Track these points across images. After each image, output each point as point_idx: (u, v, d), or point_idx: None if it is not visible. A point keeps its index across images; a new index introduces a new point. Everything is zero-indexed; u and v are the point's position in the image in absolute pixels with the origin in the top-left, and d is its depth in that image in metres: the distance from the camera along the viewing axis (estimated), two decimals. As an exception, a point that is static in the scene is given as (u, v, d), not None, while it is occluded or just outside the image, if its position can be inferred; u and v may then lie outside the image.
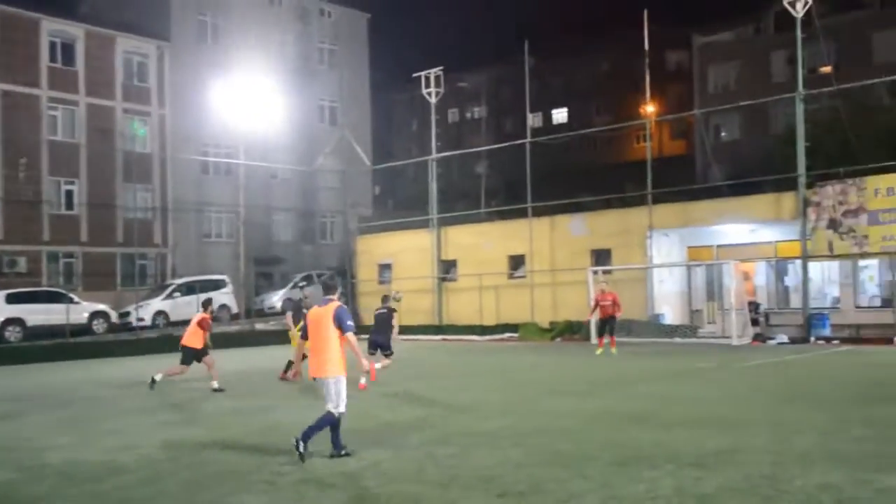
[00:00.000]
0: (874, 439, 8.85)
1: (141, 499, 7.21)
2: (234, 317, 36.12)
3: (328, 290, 9.12)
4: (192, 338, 16.21)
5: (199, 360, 16.08)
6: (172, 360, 16.79)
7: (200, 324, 16.31)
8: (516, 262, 34.32)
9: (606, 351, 22.21)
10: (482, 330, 33.19)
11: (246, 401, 14.16)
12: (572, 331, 30.49)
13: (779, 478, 7.16)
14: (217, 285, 35.80)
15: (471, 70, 67.68)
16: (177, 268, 40.08)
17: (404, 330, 35.27)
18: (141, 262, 39.96)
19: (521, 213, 34.11)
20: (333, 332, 8.64)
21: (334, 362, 8.63)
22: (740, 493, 6.70)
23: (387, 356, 16.97)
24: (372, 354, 16.34)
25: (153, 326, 31.93)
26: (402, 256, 37.89)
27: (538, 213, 33.64)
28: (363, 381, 14.09)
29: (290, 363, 16.81)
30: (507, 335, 32.19)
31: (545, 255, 32.94)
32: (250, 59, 41.72)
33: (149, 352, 26.46)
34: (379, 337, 17.01)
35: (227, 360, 24.96)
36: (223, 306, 35.70)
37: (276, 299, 38.87)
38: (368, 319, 38.34)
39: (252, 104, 36.90)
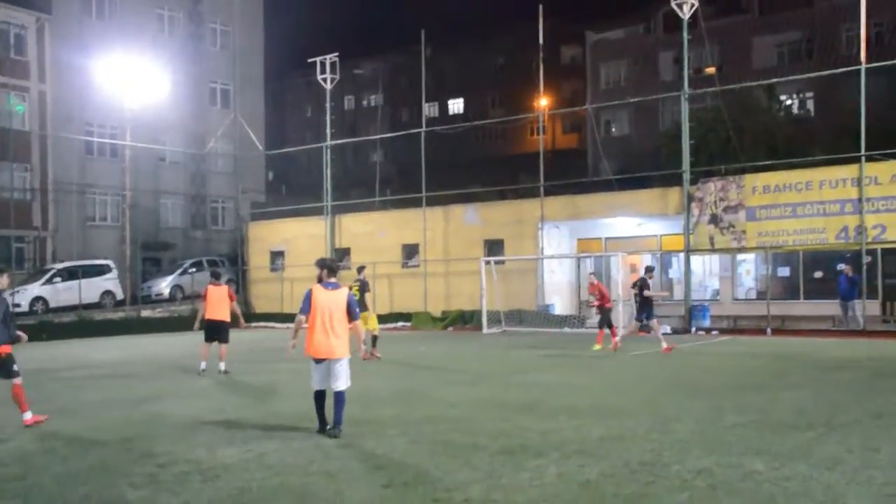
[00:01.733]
0: (745, 425, 9.26)
1: (13, 494, 6.89)
2: (120, 303, 34.95)
3: (331, 272, 9.37)
4: (222, 311, 16.11)
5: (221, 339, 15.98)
6: (48, 348, 16.12)
7: (231, 296, 16.26)
8: (410, 251, 34.40)
9: (607, 342, 20.12)
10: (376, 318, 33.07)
11: (127, 391, 13.71)
12: (464, 320, 30.82)
13: (657, 464, 7.41)
14: (101, 270, 34.58)
15: (368, 57, 67.32)
16: (57, 252, 38.42)
17: (294, 318, 35.05)
18: (18, 245, 38.08)
19: (416, 203, 34.19)
20: (345, 316, 9.15)
21: (347, 344, 9.16)
22: (621, 478, 6.90)
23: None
24: None
25: (31, 313, 30.57)
26: (295, 244, 37.42)
27: (432, 202, 33.78)
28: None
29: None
30: (399, 324, 32.24)
31: (438, 244, 33.13)
32: (138, 37, 40.29)
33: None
34: None
35: (111, 348, 24.20)
36: (107, 292, 34.51)
37: (164, 286, 37.81)
38: (260, 307, 38.01)
39: (140, 83, 35.65)
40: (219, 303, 16.25)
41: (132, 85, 35.40)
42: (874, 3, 27.33)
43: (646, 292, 19.33)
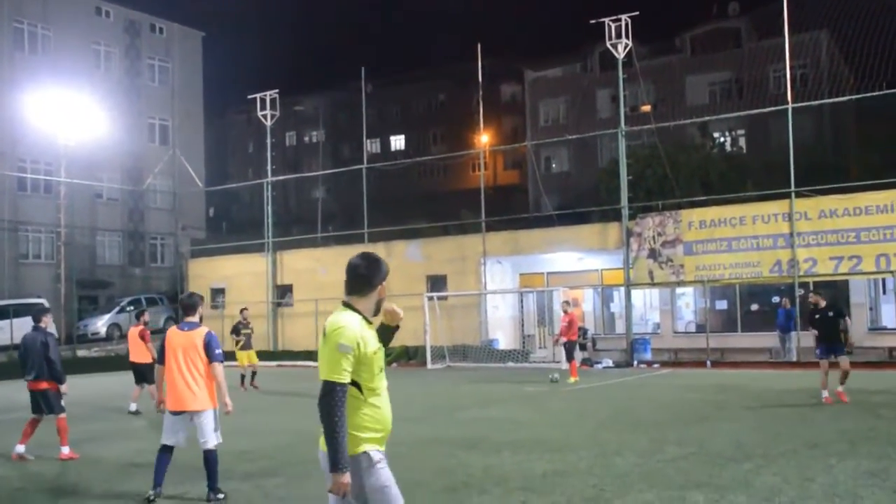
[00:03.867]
0: (686, 458, 9.37)
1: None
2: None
3: (188, 310, 8.21)
4: (139, 353, 15.59)
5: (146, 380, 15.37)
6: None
7: (142, 336, 15.62)
8: (353, 287, 34.17)
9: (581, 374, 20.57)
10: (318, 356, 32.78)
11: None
12: (408, 356, 30.67)
13: (599, 499, 7.44)
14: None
15: (309, 94, 67.34)
16: (-12, 291, 37.34)
17: (236, 356, 34.53)
18: (-54, 284, 36.98)
19: (358, 239, 34.09)
20: (205, 360, 7.92)
21: (208, 392, 7.98)
22: (564, 514, 6.91)
23: None
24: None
25: (-42, 354, 29.54)
26: (236, 281, 36.94)
27: (375, 238, 33.72)
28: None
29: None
30: (342, 361, 31.89)
31: (382, 280, 32.98)
32: (73, 72, 39.72)
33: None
34: None
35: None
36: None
37: (100, 324, 36.95)
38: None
39: (75, 119, 35.05)
40: (132, 344, 16.12)
41: (67, 120, 34.78)
42: (798, 46, 28.39)
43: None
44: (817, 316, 15.01)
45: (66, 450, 10.63)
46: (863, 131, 39.02)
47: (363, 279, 4.20)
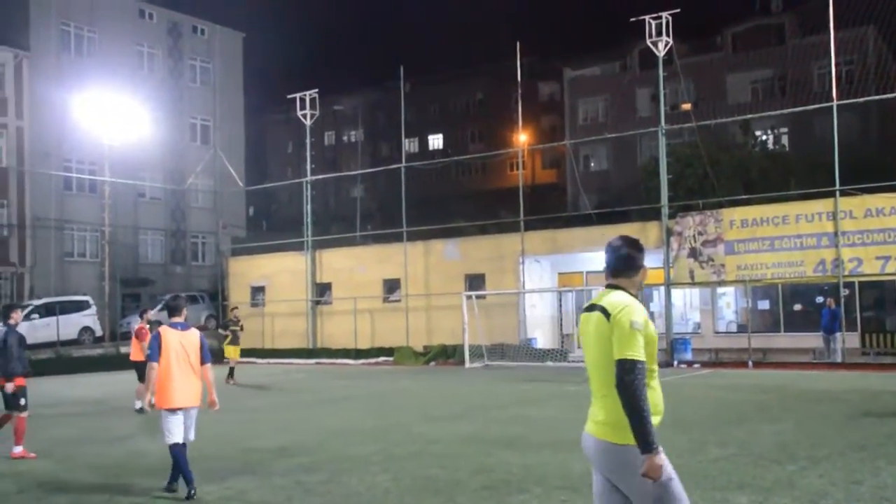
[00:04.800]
0: (727, 459, 9.26)
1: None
2: (98, 339, 34.58)
3: (174, 311, 8.52)
4: (136, 352, 15.78)
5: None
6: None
7: (137, 335, 15.84)
8: (391, 285, 34.33)
9: None
10: (357, 353, 32.98)
11: (104, 429, 13.51)
12: (446, 355, 30.70)
13: (641, 498, 7.37)
14: (80, 307, 34.27)
15: (347, 93, 67.69)
16: (35, 288, 38.07)
17: (277, 354, 34.91)
18: (-6, 281, 37.79)
19: (397, 238, 34.18)
20: (198, 359, 8.23)
21: (200, 390, 8.25)
22: (604, 514, 6.85)
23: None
24: None
25: (6, 350, 30.16)
26: (275, 279, 37.26)
27: (413, 237, 33.78)
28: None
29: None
30: (381, 359, 32.08)
31: (420, 279, 33.09)
32: (117, 73, 40.37)
33: None
34: None
35: (90, 385, 23.88)
36: (86, 328, 34.18)
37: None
38: (241, 342, 37.76)
39: (118, 119, 35.62)
40: (133, 342, 16.44)
41: (111, 121, 35.35)
42: (843, 42, 27.89)
43: None
44: None
45: (17, 449, 10.36)
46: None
47: (631, 261, 4.21)
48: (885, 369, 23.13)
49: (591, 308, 4.12)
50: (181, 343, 8.17)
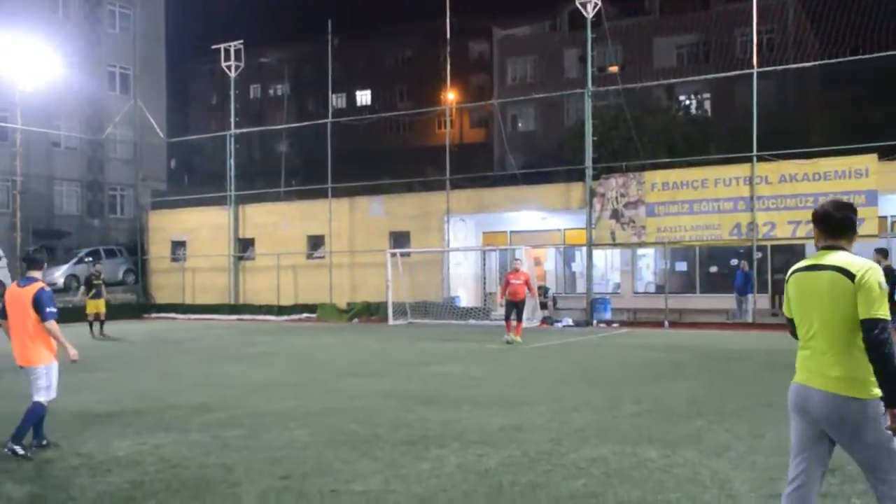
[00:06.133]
0: (640, 415, 9.53)
1: None
2: (7, 293, 33.48)
3: (33, 264, 8.21)
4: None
5: None
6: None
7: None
8: (315, 242, 34.09)
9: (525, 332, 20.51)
10: (279, 310, 32.79)
11: (13, 385, 13.14)
12: (370, 312, 30.74)
13: (555, 453, 7.55)
14: (-11, 259, 33.10)
15: (274, 46, 66.15)
16: (-60, 240, 36.56)
17: (198, 309, 34.44)
18: None
19: (322, 194, 33.87)
20: (35, 317, 7.80)
21: (43, 348, 7.86)
22: (519, 467, 7.01)
23: None
24: None
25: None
26: (197, 233, 36.61)
27: (338, 193, 33.52)
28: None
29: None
30: (304, 315, 31.96)
31: (344, 236, 32.93)
32: (30, 16, 38.60)
33: None
34: None
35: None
36: (-4, 282, 33.05)
37: (58, 275, 36.36)
38: (161, 297, 37.09)
39: (31, 64, 34.12)
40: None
41: (24, 66, 33.85)
42: (764, 10, 28.43)
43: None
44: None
45: None
46: (826, 97, 39.40)
47: (851, 222, 4.35)
48: (793, 330, 24.02)
49: (816, 268, 4.24)
50: (18, 300, 7.86)
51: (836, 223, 4.30)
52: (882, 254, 13.59)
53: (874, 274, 4.08)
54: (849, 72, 27.84)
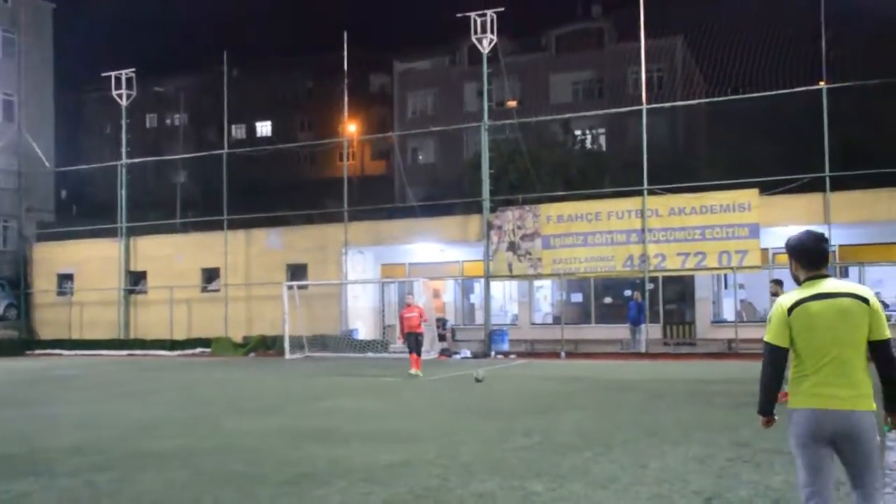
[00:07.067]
0: (531, 447, 9.53)
1: None
2: None
3: None
4: None
5: None
6: None
7: None
8: (210, 274, 33.31)
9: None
10: (172, 345, 31.82)
11: None
12: (266, 346, 30.15)
13: (441, 489, 7.45)
14: None
15: (171, 75, 64.87)
16: None
17: (85, 345, 33.05)
18: None
19: (218, 226, 33.17)
20: None
21: None
22: (404, 505, 6.88)
23: None
24: None
25: None
26: (85, 266, 35.29)
27: (235, 225, 32.91)
28: None
29: None
30: (198, 350, 31.12)
31: (240, 268, 32.30)
32: None
33: None
34: None
35: None
36: None
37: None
38: (45, 333, 35.50)
39: None
40: None
41: None
42: (654, 50, 29.50)
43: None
44: None
45: None
46: (712, 134, 41.03)
47: (827, 252, 4.66)
48: (682, 358, 24.75)
49: (828, 296, 4.43)
50: None
51: (821, 253, 4.58)
52: (779, 284, 14.21)
53: (875, 298, 4.48)
54: (732, 110, 29.10)
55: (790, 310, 4.46)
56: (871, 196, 24.59)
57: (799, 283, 4.60)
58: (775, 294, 14.21)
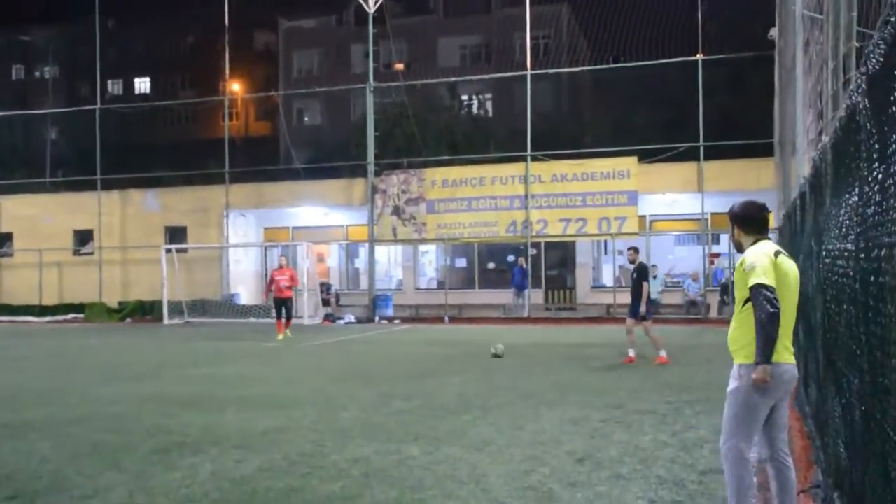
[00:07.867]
0: (410, 411, 9.54)
1: None
2: None
3: None
4: None
5: None
6: None
7: None
8: (83, 237, 31.91)
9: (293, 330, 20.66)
10: (41, 310, 30.41)
11: None
12: (143, 311, 29.20)
13: (316, 454, 7.36)
14: None
15: (40, 23, 61.30)
16: None
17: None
18: None
19: (91, 185, 31.74)
20: None
21: None
22: (277, 472, 6.75)
23: None
24: None
25: None
26: (-57, 227, 33.22)
27: (110, 186, 31.56)
28: None
29: None
30: (70, 316, 29.85)
31: (115, 231, 31.06)
32: None
33: None
34: None
35: None
36: None
37: None
38: None
39: None
40: None
41: None
42: (539, 17, 29.71)
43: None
44: (634, 275, 14.27)
45: None
46: (595, 101, 41.80)
47: (768, 220, 4.99)
48: (563, 323, 25.32)
49: (789, 258, 4.75)
50: None
51: (766, 221, 4.90)
52: (636, 251, 14.54)
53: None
54: (615, 78, 29.70)
55: (775, 256, 4.62)
56: (743, 165, 25.60)
57: (741, 249, 4.81)
58: (633, 261, 14.54)
